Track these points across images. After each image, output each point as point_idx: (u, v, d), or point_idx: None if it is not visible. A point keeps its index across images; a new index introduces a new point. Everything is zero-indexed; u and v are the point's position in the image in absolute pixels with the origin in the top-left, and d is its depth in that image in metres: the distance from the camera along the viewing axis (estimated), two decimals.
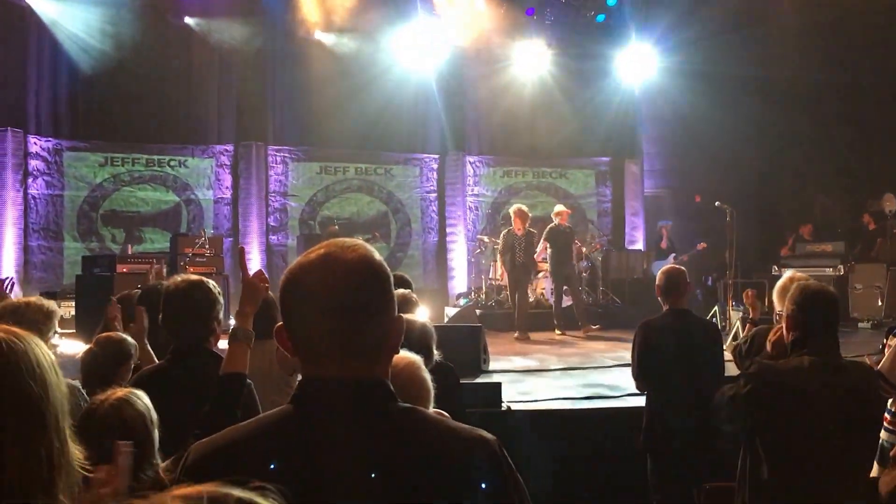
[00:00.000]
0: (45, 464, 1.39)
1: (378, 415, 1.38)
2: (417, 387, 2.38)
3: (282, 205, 13.47)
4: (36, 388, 1.40)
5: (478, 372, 7.80)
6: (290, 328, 1.43)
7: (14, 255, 11.83)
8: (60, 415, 1.44)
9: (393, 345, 1.45)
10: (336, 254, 1.41)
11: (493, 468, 1.37)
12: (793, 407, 3.07)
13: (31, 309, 3.25)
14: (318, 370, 1.40)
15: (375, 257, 1.44)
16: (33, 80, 11.96)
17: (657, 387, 4.88)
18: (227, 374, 2.55)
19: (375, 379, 1.41)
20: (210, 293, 3.14)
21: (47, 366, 1.45)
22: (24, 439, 1.37)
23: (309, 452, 1.31)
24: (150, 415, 2.44)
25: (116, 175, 12.73)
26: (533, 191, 14.99)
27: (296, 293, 1.41)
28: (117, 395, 2.45)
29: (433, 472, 1.33)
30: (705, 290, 13.86)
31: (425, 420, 1.43)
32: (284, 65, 13.23)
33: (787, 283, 4.46)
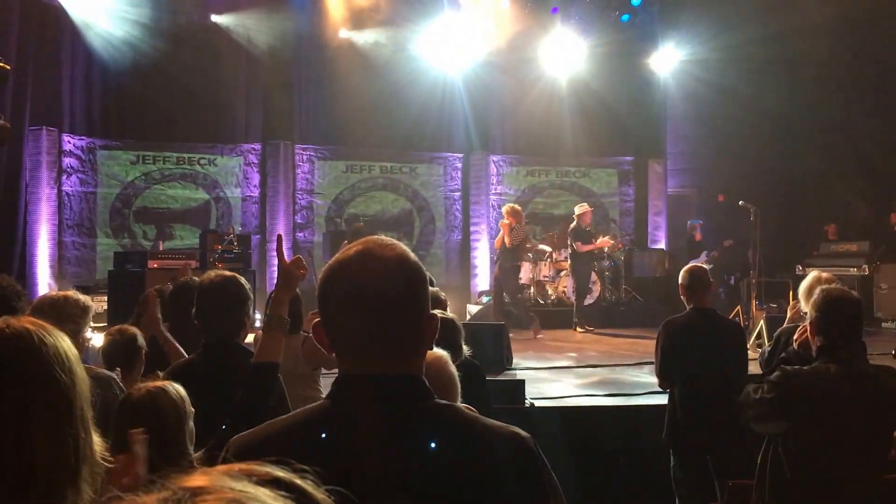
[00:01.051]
0: (72, 453, 1.42)
1: (416, 411, 1.39)
2: (444, 381, 2.40)
3: (308, 202, 13.64)
4: (64, 378, 1.43)
5: (501, 369, 7.91)
6: (327, 324, 1.45)
7: (49, 251, 12.08)
8: (86, 406, 1.47)
9: (428, 342, 1.46)
10: (374, 251, 1.42)
11: (529, 465, 1.39)
12: (818, 414, 3.08)
13: (70, 303, 3.32)
14: (355, 367, 1.42)
15: (411, 256, 1.46)
16: (67, 80, 12.17)
17: (680, 384, 4.91)
18: (261, 364, 2.56)
19: (412, 375, 1.42)
20: (242, 289, 3.19)
21: (74, 358, 1.48)
22: (53, 429, 1.40)
23: (347, 448, 1.32)
24: (184, 406, 2.46)
25: (147, 173, 12.96)
26: (556, 190, 15.06)
27: (335, 289, 1.42)
28: (152, 387, 2.48)
29: (470, 469, 1.34)
30: (728, 290, 13.87)
31: (462, 417, 1.43)
32: (311, 64, 13.39)
33: (814, 283, 4.51)
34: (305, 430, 1.39)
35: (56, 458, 1.39)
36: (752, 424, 3.33)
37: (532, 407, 6.28)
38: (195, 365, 3.16)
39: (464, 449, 1.36)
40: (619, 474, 5.82)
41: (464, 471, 1.33)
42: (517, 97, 14.14)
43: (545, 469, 1.41)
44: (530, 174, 14.95)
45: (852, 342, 3.19)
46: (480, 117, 14.27)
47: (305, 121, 13.57)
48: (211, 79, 12.78)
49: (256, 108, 13.26)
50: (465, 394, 2.51)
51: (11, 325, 1.45)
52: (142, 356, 3.90)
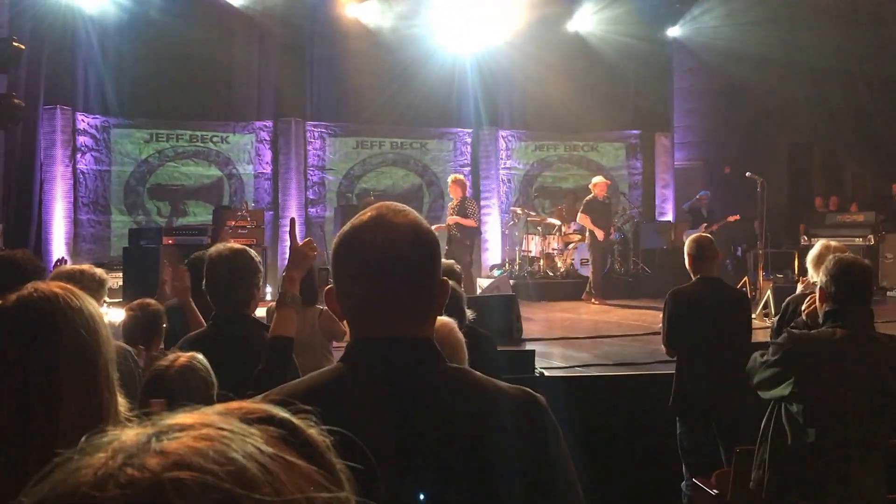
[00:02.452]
0: (97, 411, 1.48)
1: (427, 373, 1.40)
2: (452, 346, 2.44)
3: (320, 178, 13.76)
4: (90, 340, 1.50)
5: (511, 340, 8.06)
6: (340, 289, 1.45)
7: (64, 228, 12.24)
8: (111, 367, 1.53)
9: (439, 306, 1.47)
10: (388, 216, 1.42)
11: (541, 425, 1.40)
12: (823, 378, 3.11)
13: (86, 276, 3.39)
14: (367, 331, 1.42)
15: (424, 221, 1.47)
16: (81, 59, 12.24)
17: (687, 353, 4.99)
18: (277, 337, 2.63)
19: (424, 338, 1.43)
20: (252, 261, 3.23)
21: (100, 321, 1.55)
22: (79, 387, 1.46)
23: (361, 409, 1.30)
24: (210, 379, 2.53)
25: (161, 151, 13.06)
26: (565, 164, 15.13)
27: (348, 254, 1.43)
28: (181, 360, 2.54)
29: (485, 430, 1.34)
30: (735, 261, 13.98)
31: (475, 379, 1.43)
32: (322, 42, 13.42)
33: (823, 252, 4.55)
34: (318, 390, 1.39)
35: (82, 414, 1.45)
36: (758, 389, 3.36)
37: (541, 377, 6.40)
38: (205, 337, 3.20)
39: (476, 410, 1.37)
40: (626, 443, 5.93)
41: (475, 432, 1.33)
42: (524, 73, 14.15)
43: (556, 429, 1.41)
44: (539, 148, 15.02)
45: (860, 308, 3.21)
46: (489, 93, 14.30)
47: (316, 98, 13.64)
48: (223, 57, 12.83)
49: (268, 85, 13.33)
50: (476, 363, 2.59)
51: (40, 289, 1.53)
52: (162, 332, 3.96)
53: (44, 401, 1.46)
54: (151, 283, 8.28)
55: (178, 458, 0.55)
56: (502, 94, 14.53)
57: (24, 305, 1.52)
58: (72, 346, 1.49)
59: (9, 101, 7.62)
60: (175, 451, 0.56)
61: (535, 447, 1.37)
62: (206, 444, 0.57)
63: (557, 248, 13.02)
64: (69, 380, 1.47)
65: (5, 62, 7.50)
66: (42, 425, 1.45)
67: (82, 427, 1.33)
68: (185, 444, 0.57)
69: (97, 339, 1.53)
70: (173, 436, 0.58)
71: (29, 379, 1.46)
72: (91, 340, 1.52)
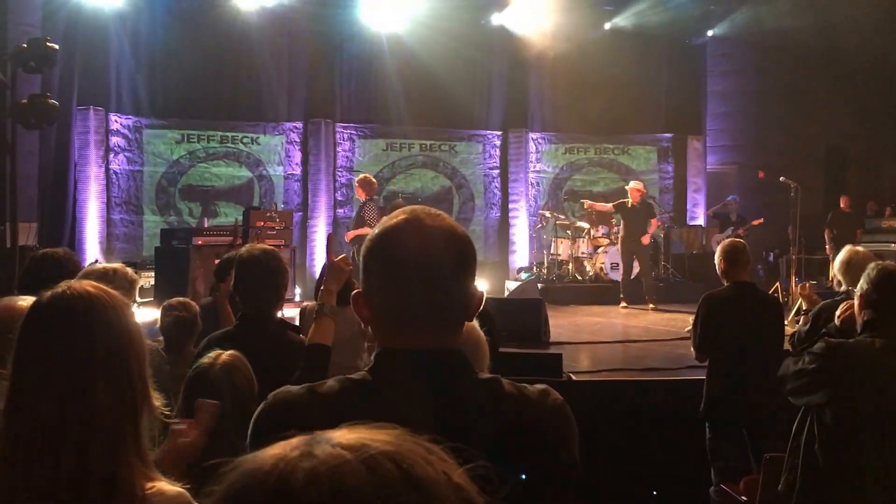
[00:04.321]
0: (131, 406, 1.53)
1: (458, 387, 1.37)
2: (474, 345, 2.44)
3: (348, 180, 13.78)
4: (123, 337, 1.55)
5: (539, 343, 8.03)
6: (370, 295, 1.40)
7: (98, 228, 12.40)
8: (144, 364, 1.58)
9: (470, 315, 1.43)
10: (424, 220, 1.38)
11: (566, 435, 1.40)
12: (859, 387, 3.04)
13: (118, 276, 3.43)
14: (396, 340, 1.39)
15: (458, 226, 1.43)
16: (113, 60, 12.40)
17: (719, 358, 4.94)
18: (315, 345, 2.70)
19: (454, 350, 1.39)
20: (281, 262, 3.32)
21: (131, 319, 1.60)
22: (113, 383, 1.51)
23: (385, 420, 1.36)
24: (252, 376, 2.64)
25: (192, 151, 13.19)
26: (595, 167, 15.04)
27: (380, 258, 1.38)
28: (224, 358, 2.64)
29: (515, 444, 1.32)
30: (767, 266, 13.81)
31: (504, 391, 1.40)
32: (351, 44, 13.49)
33: (851, 258, 4.53)
34: (345, 398, 1.35)
35: (117, 405, 1.51)
36: (791, 396, 3.30)
37: (569, 380, 6.38)
38: (231, 336, 3.25)
39: (508, 424, 1.35)
40: (654, 447, 5.89)
41: (507, 446, 1.30)
42: (555, 75, 14.11)
43: (577, 438, 1.42)
44: (569, 151, 14.95)
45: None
46: (518, 95, 14.29)
47: (346, 99, 13.71)
48: (254, 59, 12.93)
49: (298, 87, 13.41)
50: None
51: (73, 287, 1.58)
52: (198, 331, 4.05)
53: (80, 396, 1.50)
54: (182, 283, 8.36)
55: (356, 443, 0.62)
56: (533, 97, 14.51)
57: (59, 303, 1.56)
58: (105, 343, 1.53)
59: (44, 102, 7.71)
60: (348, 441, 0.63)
61: (562, 461, 1.38)
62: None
63: (586, 252, 12.95)
64: (104, 375, 1.51)
65: (40, 62, 7.58)
66: (79, 420, 1.49)
67: (118, 414, 1.52)
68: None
69: (129, 336, 1.58)
70: (336, 440, 0.63)
71: (65, 374, 1.51)
72: (123, 337, 1.56)
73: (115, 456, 1.49)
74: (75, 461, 1.47)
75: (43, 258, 3.67)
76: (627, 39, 14.12)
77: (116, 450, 1.50)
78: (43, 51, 7.55)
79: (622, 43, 14.06)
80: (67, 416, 1.49)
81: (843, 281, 4.50)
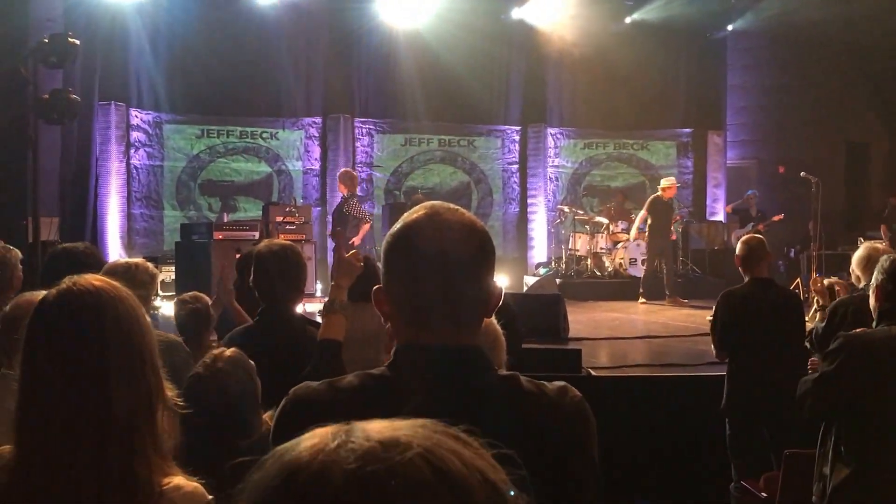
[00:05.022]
0: (146, 400, 1.54)
1: (478, 384, 1.37)
2: (491, 341, 2.44)
3: (367, 175, 13.82)
4: (134, 329, 1.56)
5: (558, 339, 8.01)
6: (391, 290, 1.41)
7: (119, 222, 12.48)
8: (154, 353, 1.59)
9: (490, 311, 1.43)
10: (442, 214, 1.38)
11: (589, 436, 1.40)
12: (883, 377, 3.02)
13: (140, 270, 3.48)
14: (417, 336, 1.38)
15: (477, 221, 1.43)
16: (133, 55, 12.46)
17: (739, 354, 4.91)
18: (326, 340, 2.71)
19: (474, 346, 1.40)
20: (300, 257, 3.34)
21: (140, 311, 1.60)
22: (127, 375, 1.52)
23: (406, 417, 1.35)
24: (255, 373, 2.64)
25: (212, 147, 13.26)
26: (613, 162, 14.99)
27: (401, 253, 1.39)
28: (228, 353, 2.65)
29: (533, 442, 1.28)
30: (788, 262, 13.70)
31: (524, 389, 1.40)
32: (370, 39, 13.50)
33: (868, 253, 4.50)
34: (364, 393, 1.35)
35: (132, 399, 1.52)
36: (814, 414, 3.25)
37: (588, 376, 6.36)
38: (252, 330, 3.30)
39: (527, 422, 1.34)
40: (673, 443, 5.87)
41: (527, 445, 1.26)
42: (574, 70, 14.06)
43: (596, 436, 1.42)
44: (588, 146, 14.90)
45: None
46: (537, 90, 14.26)
47: (365, 95, 13.72)
48: (273, 54, 12.95)
49: (317, 82, 13.43)
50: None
51: (78, 283, 1.57)
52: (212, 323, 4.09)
53: (96, 389, 1.50)
54: (203, 277, 8.42)
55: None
56: (552, 92, 14.47)
57: (68, 298, 1.56)
58: (117, 335, 1.54)
59: (65, 97, 7.75)
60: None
61: (581, 459, 1.38)
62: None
63: (605, 248, 12.91)
64: (117, 367, 1.52)
65: (61, 58, 7.62)
66: (95, 415, 1.50)
67: (133, 408, 1.53)
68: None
69: (139, 329, 1.58)
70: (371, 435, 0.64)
71: (78, 370, 1.51)
72: (134, 330, 1.57)
73: (132, 451, 1.50)
74: (92, 457, 1.47)
75: (62, 253, 3.70)
76: (648, 33, 14.03)
77: (133, 445, 1.50)
78: (64, 46, 7.59)
79: (642, 37, 13.97)
80: (83, 412, 1.49)
81: (863, 277, 4.46)
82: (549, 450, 1.33)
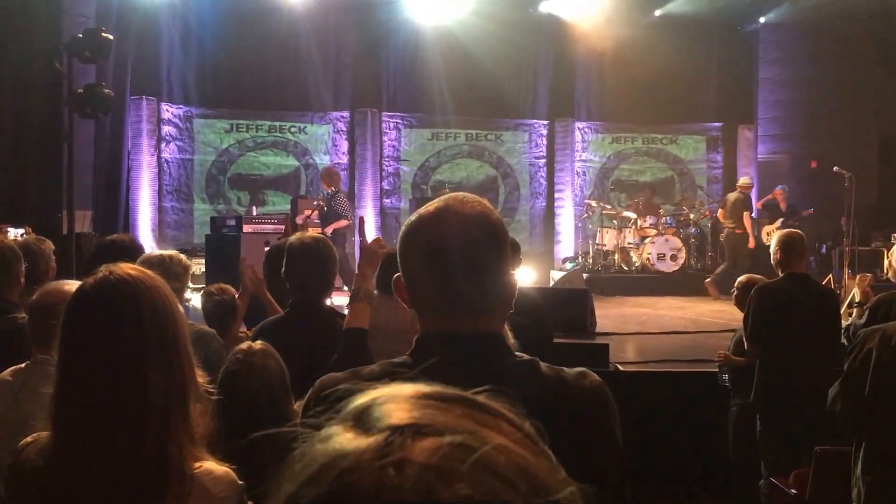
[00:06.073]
0: (180, 386, 1.58)
1: (497, 368, 1.38)
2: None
3: (395, 169, 13.87)
4: (168, 318, 1.59)
5: (585, 334, 7.99)
6: (408, 280, 1.45)
7: (150, 215, 12.65)
8: (187, 341, 1.62)
9: (508, 299, 1.45)
10: (455, 207, 1.40)
11: (606, 413, 1.43)
12: None
13: (174, 262, 3.53)
14: (436, 324, 1.42)
15: (494, 212, 1.45)
16: (165, 51, 12.61)
17: (771, 350, 4.86)
18: (352, 329, 2.72)
19: (492, 333, 1.42)
20: (332, 250, 3.36)
21: (174, 300, 1.65)
22: (163, 364, 1.55)
23: None
24: (284, 367, 2.63)
25: (241, 141, 13.38)
26: (642, 156, 14.89)
27: (415, 244, 1.42)
28: (258, 346, 2.66)
29: (554, 424, 1.36)
30: (819, 258, 13.53)
31: (542, 373, 1.42)
32: (398, 33, 13.51)
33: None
34: (386, 381, 1.39)
35: (167, 385, 1.55)
36: (842, 416, 3.20)
37: (616, 371, 6.35)
38: (282, 323, 3.33)
39: (546, 406, 1.33)
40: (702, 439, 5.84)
41: (548, 424, 1.32)
42: (601, 64, 13.98)
43: (617, 419, 1.44)
44: (616, 141, 14.82)
45: None
46: (564, 84, 14.20)
47: (392, 89, 13.76)
48: (301, 48, 13.01)
49: (345, 76, 13.49)
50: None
51: (115, 271, 1.60)
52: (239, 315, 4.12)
53: (132, 375, 1.53)
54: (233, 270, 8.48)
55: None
56: (580, 86, 14.40)
57: (105, 287, 1.59)
58: (153, 323, 1.57)
59: (99, 91, 7.85)
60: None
61: (602, 441, 1.40)
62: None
63: (633, 242, 12.84)
64: (153, 354, 1.55)
65: (95, 52, 7.71)
66: (133, 401, 1.53)
67: (169, 402, 1.56)
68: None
69: (174, 317, 1.62)
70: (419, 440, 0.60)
71: (116, 357, 1.54)
72: (169, 318, 1.60)
73: (166, 436, 1.53)
74: (128, 442, 1.50)
75: (109, 244, 3.87)
76: (678, 26, 13.90)
77: (167, 430, 1.53)
78: (98, 41, 7.68)
79: (672, 29, 13.84)
80: (119, 397, 1.52)
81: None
82: (570, 430, 1.32)
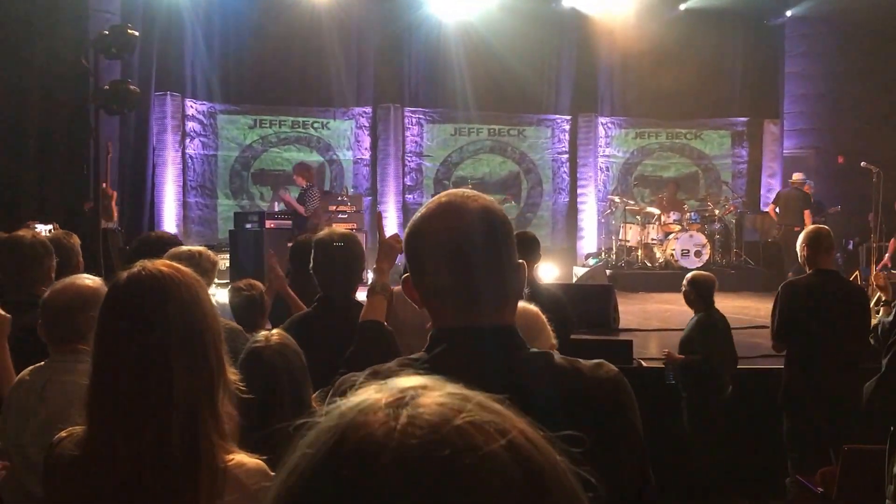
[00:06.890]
0: (208, 382, 1.58)
1: (510, 361, 1.39)
2: (536, 333, 2.43)
3: (417, 165, 13.88)
4: (197, 314, 1.60)
5: (608, 330, 7.97)
6: (415, 277, 1.46)
7: (175, 211, 12.76)
8: (218, 340, 1.62)
9: (516, 292, 1.46)
10: (456, 203, 1.41)
11: (623, 403, 1.42)
12: None
13: (203, 258, 3.55)
14: (447, 320, 1.43)
15: (496, 206, 1.46)
16: (189, 48, 12.70)
17: (799, 347, 4.82)
18: (367, 321, 2.72)
19: (504, 326, 1.42)
20: (360, 246, 3.39)
21: (205, 296, 1.65)
22: (190, 359, 1.56)
23: None
24: (302, 356, 2.66)
25: (264, 136, 13.45)
26: (666, 152, 14.79)
27: (419, 242, 1.43)
28: (276, 338, 2.67)
29: (567, 416, 1.29)
30: (846, 254, 13.38)
31: (556, 364, 1.43)
32: (420, 29, 13.51)
33: None
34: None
35: (195, 381, 1.56)
36: (882, 413, 3.21)
37: (640, 367, 6.32)
38: (310, 318, 3.33)
39: (559, 396, 1.36)
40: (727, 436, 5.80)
41: (559, 419, 1.31)
42: (625, 58, 13.89)
43: (635, 405, 1.43)
44: (639, 136, 14.73)
45: None
46: (589, 79, 14.14)
47: (414, 84, 13.78)
48: (324, 44, 13.04)
49: (367, 72, 13.52)
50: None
51: (147, 268, 1.62)
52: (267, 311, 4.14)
53: (159, 371, 1.55)
54: (256, 265, 8.54)
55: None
56: (603, 80, 14.33)
57: (136, 282, 1.61)
58: (181, 320, 1.58)
59: (125, 88, 7.87)
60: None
61: (620, 430, 1.39)
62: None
63: (657, 238, 12.76)
64: (180, 351, 1.56)
65: (121, 49, 7.74)
66: (159, 395, 1.55)
67: (197, 397, 1.57)
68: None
69: (203, 313, 1.62)
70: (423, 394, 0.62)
71: (144, 351, 1.56)
72: (198, 314, 1.61)
73: (194, 430, 1.54)
74: (155, 436, 1.52)
75: (151, 238, 4.05)
76: (703, 20, 13.80)
77: (196, 425, 1.55)
78: (124, 37, 7.71)
79: (697, 24, 13.75)
80: (146, 392, 1.54)
81: None
82: (586, 420, 1.31)
